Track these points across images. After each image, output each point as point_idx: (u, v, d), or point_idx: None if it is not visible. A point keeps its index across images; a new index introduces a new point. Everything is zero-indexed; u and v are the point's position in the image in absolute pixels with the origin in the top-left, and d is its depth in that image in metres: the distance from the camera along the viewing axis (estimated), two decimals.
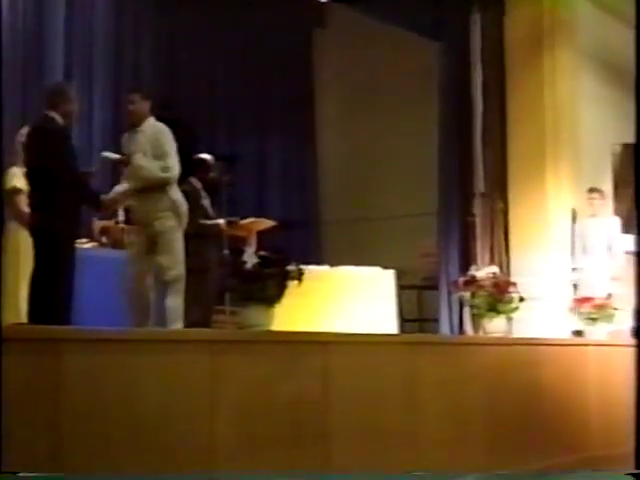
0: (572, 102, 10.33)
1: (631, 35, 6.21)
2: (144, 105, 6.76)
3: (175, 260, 6.64)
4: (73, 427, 4.26)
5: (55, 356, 4.27)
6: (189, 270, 7.80)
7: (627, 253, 9.43)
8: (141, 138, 6.64)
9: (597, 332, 8.50)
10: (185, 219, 6.72)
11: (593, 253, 9.77)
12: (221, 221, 7.77)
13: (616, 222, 9.93)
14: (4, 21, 7.68)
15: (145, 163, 6.53)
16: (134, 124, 6.73)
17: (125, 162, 6.76)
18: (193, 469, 4.69)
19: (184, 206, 6.71)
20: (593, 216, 9.85)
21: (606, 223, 9.86)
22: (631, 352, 6.30)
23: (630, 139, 8.26)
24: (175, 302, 6.59)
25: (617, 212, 10.52)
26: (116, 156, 6.88)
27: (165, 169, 6.60)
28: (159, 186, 6.56)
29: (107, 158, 7.15)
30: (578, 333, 8.72)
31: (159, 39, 10.56)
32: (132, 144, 6.66)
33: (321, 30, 12.69)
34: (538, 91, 10.35)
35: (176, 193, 6.66)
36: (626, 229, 9.83)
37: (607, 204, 10.08)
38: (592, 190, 9.91)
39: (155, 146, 6.61)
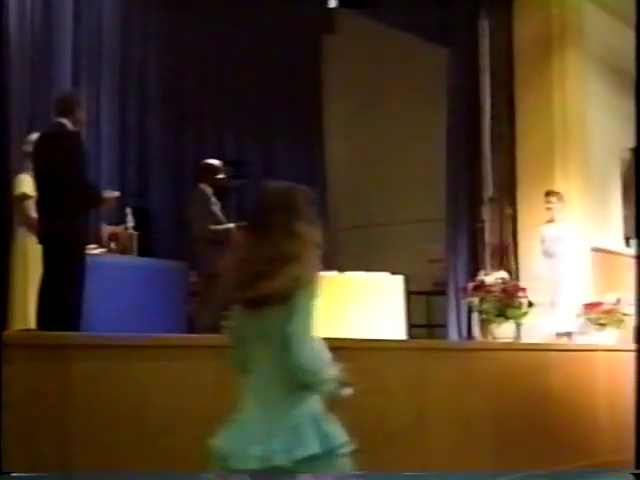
0: (581, 107, 10.31)
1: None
2: None
3: None
4: (81, 432, 4.27)
5: (62, 362, 4.28)
6: (199, 275, 7.85)
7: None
8: None
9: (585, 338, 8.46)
10: None
11: (553, 258, 9.53)
12: (231, 226, 7.78)
13: (571, 227, 9.66)
14: (11, 26, 7.70)
15: None
16: None
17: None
18: (199, 473, 4.69)
19: None
20: (550, 221, 9.60)
21: (561, 228, 9.56)
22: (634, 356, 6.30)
23: (633, 143, 8.23)
24: None
25: (626, 217, 10.49)
26: (116, 194, 6.75)
27: None
28: None
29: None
30: (566, 335, 8.65)
31: (167, 44, 10.56)
32: None
33: (330, 36, 12.69)
34: (547, 96, 10.33)
35: None
36: (635, 233, 9.79)
37: (566, 208, 9.68)
38: (549, 193, 9.66)
39: None
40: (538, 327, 8.76)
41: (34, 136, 6.65)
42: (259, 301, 3.01)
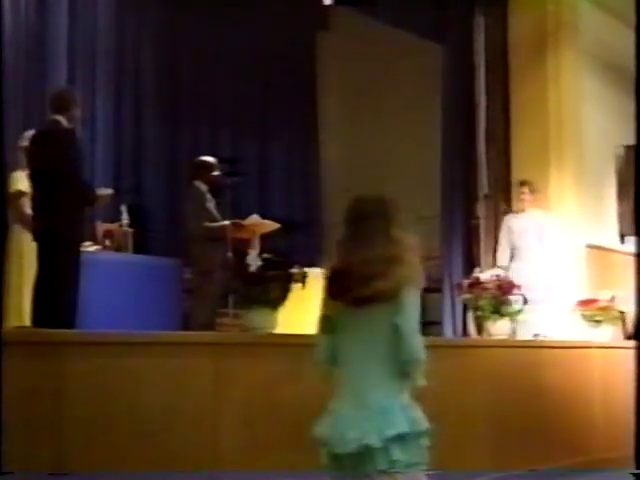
0: (576, 104, 10.32)
1: (634, 36, 6.21)
2: None
3: None
4: (76, 430, 4.27)
5: (58, 359, 4.28)
6: (195, 272, 7.84)
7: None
8: None
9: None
10: None
11: (522, 250, 9.49)
12: (226, 223, 7.78)
13: (548, 216, 9.63)
14: (6, 24, 7.68)
15: None
16: None
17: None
18: (196, 471, 4.69)
19: None
20: (522, 211, 9.59)
21: (534, 218, 9.52)
22: (633, 354, 6.30)
23: (633, 141, 8.24)
24: None
25: (621, 214, 10.50)
26: (109, 191, 6.75)
27: None
28: None
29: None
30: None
31: (161, 42, 10.55)
32: None
33: (324, 33, 12.66)
34: (542, 93, 10.34)
35: None
36: (631, 231, 9.79)
37: (539, 198, 9.67)
38: (522, 184, 9.68)
39: None
40: (532, 324, 8.76)
41: (29, 133, 6.64)
42: (371, 298, 3.36)
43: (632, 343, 7.65)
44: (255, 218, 8.02)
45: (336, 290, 3.48)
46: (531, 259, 9.46)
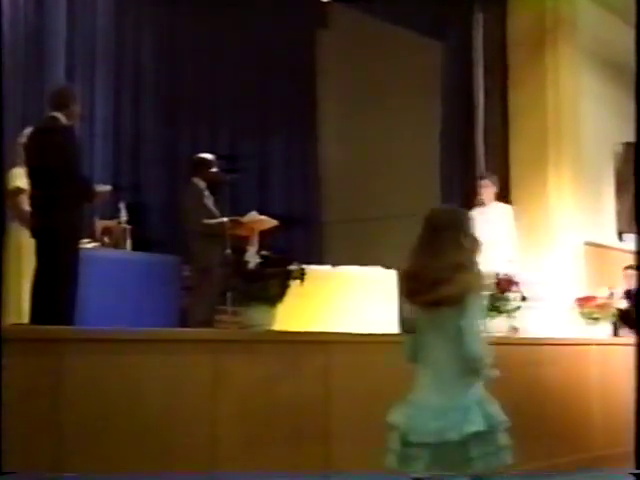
0: (574, 101, 10.32)
1: (633, 33, 6.20)
2: None
3: None
4: (74, 427, 4.27)
5: (56, 356, 4.27)
6: (193, 270, 7.84)
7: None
8: None
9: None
10: None
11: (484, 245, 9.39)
12: (225, 220, 7.77)
13: (504, 210, 9.50)
14: (5, 21, 7.67)
15: None
16: None
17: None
18: (195, 468, 4.69)
19: None
20: (482, 205, 9.48)
21: (491, 212, 9.38)
22: (632, 351, 6.30)
23: (632, 138, 8.25)
24: None
25: (619, 211, 10.50)
26: (108, 188, 6.75)
27: None
28: None
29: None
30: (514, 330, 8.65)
31: (160, 39, 10.54)
32: None
33: (324, 30, 12.66)
34: (540, 90, 10.34)
35: None
36: (630, 229, 9.80)
37: (495, 191, 9.53)
38: (481, 177, 9.62)
39: None
40: (530, 321, 8.77)
41: (28, 130, 6.63)
42: (438, 302, 3.73)
43: (631, 340, 7.66)
44: (254, 215, 8.02)
45: (408, 293, 3.91)
46: (494, 254, 9.32)
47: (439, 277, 3.73)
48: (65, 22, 8.98)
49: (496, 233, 9.27)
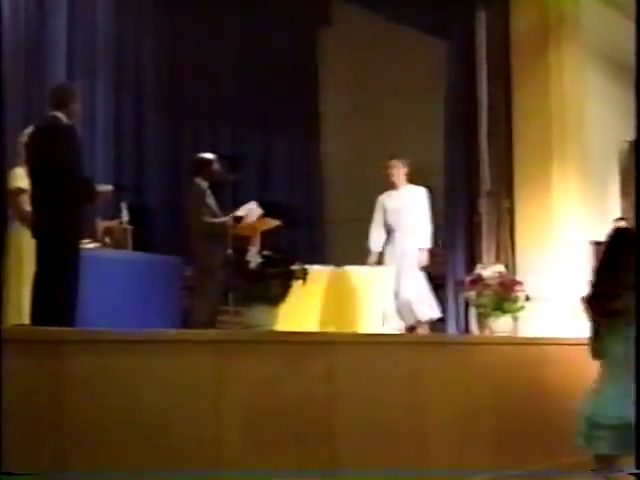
0: (579, 99, 10.28)
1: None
2: None
3: None
4: (76, 429, 4.24)
5: (57, 357, 4.24)
6: (196, 270, 7.83)
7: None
8: None
9: None
10: None
11: (396, 228, 9.16)
12: (227, 219, 7.75)
13: (418, 193, 9.30)
14: (5, 22, 7.65)
15: None
16: None
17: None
18: (198, 469, 4.66)
19: None
20: (393, 188, 9.30)
21: (405, 195, 9.23)
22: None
23: (635, 135, 8.21)
24: None
25: (624, 210, 10.45)
26: (109, 188, 6.71)
27: None
28: None
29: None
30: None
31: (162, 38, 10.52)
32: None
33: (327, 28, 12.64)
34: (544, 88, 10.30)
35: None
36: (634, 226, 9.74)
37: (406, 173, 9.31)
38: (390, 157, 9.31)
39: None
40: (535, 320, 8.74)
41: (29, 129, 6.61)
42: (610, 313, 4.74)
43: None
44: (252, 205, 7.97)
45: (591, 305, 4.89)
46: (406, 240, 9.15)
47: (612, 293, 4.75)
48: (66, 22, 8.96)
49: (409, 218, 9.18)
